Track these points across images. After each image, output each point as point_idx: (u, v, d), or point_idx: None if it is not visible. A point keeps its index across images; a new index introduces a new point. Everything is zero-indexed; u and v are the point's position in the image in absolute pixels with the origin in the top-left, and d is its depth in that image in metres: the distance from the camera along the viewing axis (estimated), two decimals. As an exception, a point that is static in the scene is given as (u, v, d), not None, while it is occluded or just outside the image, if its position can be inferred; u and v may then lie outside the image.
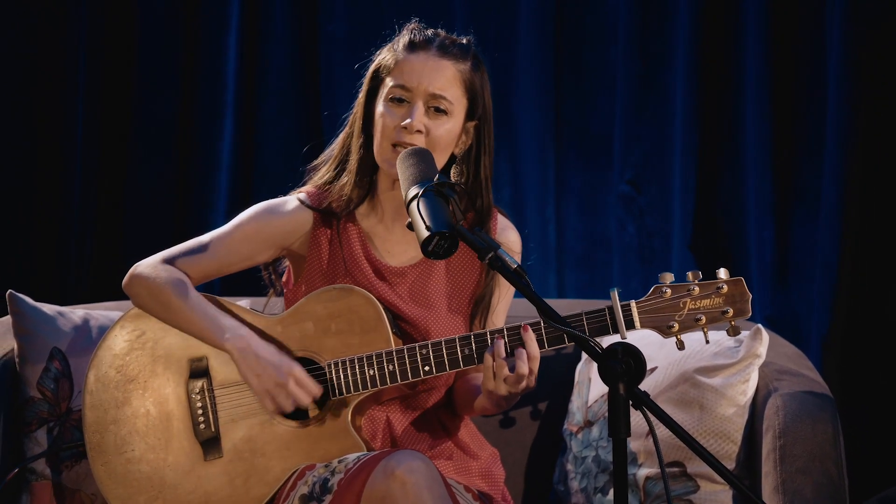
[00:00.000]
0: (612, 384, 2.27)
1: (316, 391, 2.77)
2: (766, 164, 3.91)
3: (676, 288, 2.66)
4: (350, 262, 2.88)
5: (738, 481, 2.32)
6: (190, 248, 2.90)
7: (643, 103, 4.03)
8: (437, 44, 2.84)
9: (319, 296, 2.83)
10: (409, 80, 2.81)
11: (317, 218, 2.90)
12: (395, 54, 2.85)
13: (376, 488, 2.55)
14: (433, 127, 2.81)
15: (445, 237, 2.46)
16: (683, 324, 2.65)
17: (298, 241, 2.91)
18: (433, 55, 2.83)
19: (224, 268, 2.91)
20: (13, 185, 4.02)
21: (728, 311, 2.65)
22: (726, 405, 3.09)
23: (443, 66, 2.83)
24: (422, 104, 2.81)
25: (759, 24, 3.89)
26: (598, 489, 3.19)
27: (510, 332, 2.70)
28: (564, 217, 4.13)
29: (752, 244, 3.95)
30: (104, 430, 2.86)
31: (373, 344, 2.78)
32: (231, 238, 2.90)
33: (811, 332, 3.85)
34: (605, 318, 2.67)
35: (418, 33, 2.87)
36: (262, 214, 2.91)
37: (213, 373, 2.84)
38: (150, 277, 2.85)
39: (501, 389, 2.68)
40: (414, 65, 2.82)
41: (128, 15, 4.07)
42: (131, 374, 2.87)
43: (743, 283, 2.65)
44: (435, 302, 2.90)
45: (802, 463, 2.96)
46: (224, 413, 2.83)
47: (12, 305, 3.22)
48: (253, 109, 4.15)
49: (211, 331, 2.81)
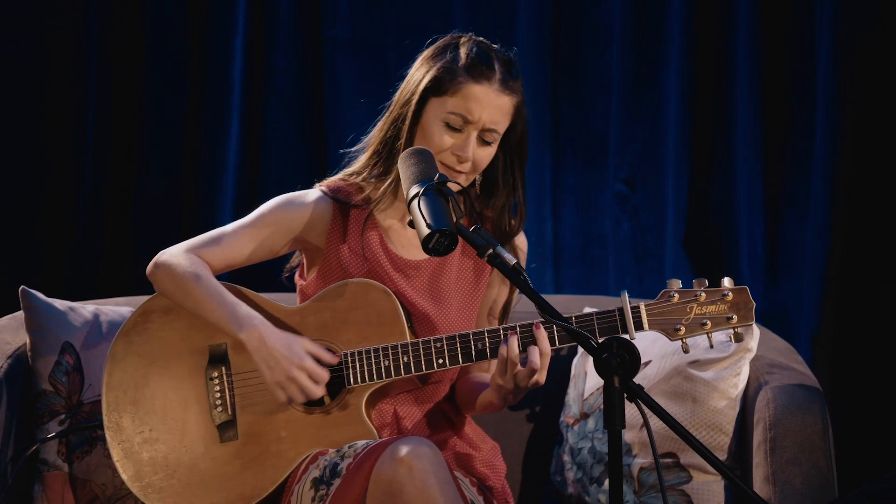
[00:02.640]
0: (607, 377, 2.27)
1: (325, 378, 2.76)
2: (756, 163, 3.91)
3: (684, 293, 2.70)
4: (368, 254, 2.89)
5: (729, 472, 2.32)
6: (213, 237, 2.90)
7: (638, 105, 4.03)
8: (500, 76, 2.81)
9: (338, 288, 2.84)
10: (470, 113, 2.79)
11: (336, 210, 2.90)
12: (455, 75, 2.81)
13: (383, 472, 2.55)
14: (480, 157, 2.83)
15: (445, 234, 2.47)
16: (689, 328, 2.69)
17: (317, 232, 2.91)
18: (495, 90, 2.81)
19: (246, 258, 2.91)
20: (26, 185, 4.01)
21: (733, 318, 2.69)
22: (718, 398, 3.09)
23: (503, 104, 2.82)
24: (476, 135, 2.81)
25: (750, 29, 3.89)
26: (593, 479, 3.19)
27: (522, 329, 2.71)
28: (561, 215, 4.13)
29: (743, 241, 3.95)
30: (122, 411, 2.87)
31: (388, 336, 2.79)
32: (253, 228, 2.90)
33: (801, 326, 3.85)
34: (615, 319, 2.70)
35: (480, 57, 2.83)
36: (284, 205, 2.91)
37: (231, 359, 2.85)
38: (172, 265, 2.85)
39: (511, 384, 2.69)
40: (478, 97, 2.79)
41: (136, 19, 4.07)
42: (151, 357, 2.88)
43: (747, 292, 2.70)
44: (447, 297, 2.90)
45: (792, 454, 2.96)
46: (241, 398, 2.84)
47: (25, 301, 3.22)
48: (258, 111, 4.14)
49: (228, 320, 2.80)
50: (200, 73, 4.10)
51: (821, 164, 3.74)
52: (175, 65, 4.09)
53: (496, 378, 2.72)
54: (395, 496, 2.52)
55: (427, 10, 4.06)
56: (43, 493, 3.16)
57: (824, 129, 3.74)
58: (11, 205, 4.01)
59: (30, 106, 4.01)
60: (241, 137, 4.13)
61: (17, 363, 3.18)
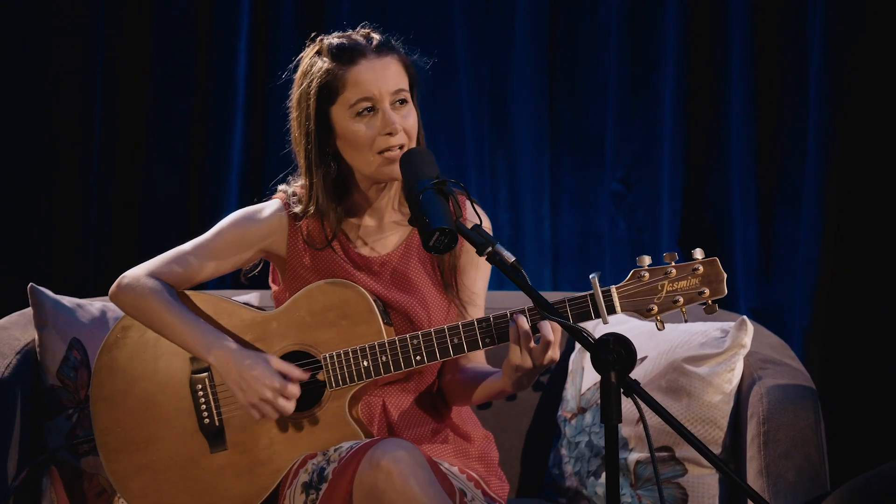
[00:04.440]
0: (604, 373, 2.27)
1: (296, 394, 2.74)
2: (750, 163, 3.91)
3: (654, 271, 2.63)
4: (330, 258, 2.87)
5: (723, 465, 2.32)
6: (174, 257, 2.88)
7: (634, 106, 4.03)
8: (369, 46, 2.80)
9: (312, 290, 2.81)
10: (368, 91, 2.77)
11: (292, 221, 2.88)
12: (333, 74, 2.78)
13: (364, 479, 2.54)
14: (407, 123, 2.79)
15: (446, 233, 2.46)
16: (662, 306, 2.63)
17: (277, 243, 2.89)
18: (373, 58, 2.79)
19: (209, 274, 2.89)
20: (35, 184, 4.01)
21: (704, 292, 2.62)
22: (713, 393, 3.09)
23: (388, 64, 2.80)
24: (388, 106, 2.78)
25: (744, 31, 3.89)
26: (590, 473, 3.19)
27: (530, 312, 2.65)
28: (559, 214, 4.13)
29: (737, 240, 3.94)
30: (112, 427, 2.85)
31: (366, 336, 2.77)
32: (213, 245, 2.88)
33: (794, 323, 3.85)
34: (587, 304, 2.65)
35: (341, 45, 2.81)
36: (241, 221, 2.89)
37: (213, 369, 2.82)
38: (134, 289, 2.83)
39: (528, 362, 2.63)
40: (364, 74, 2.77)
41: (143, 22, 4.07)
42: (136, 371, 2.86)
43: (717, 264, 2.62)
44: (418, 285, 2.89)
45: (785, 448, 2.96)
46: (227, 407, 2.82)
47: (33, 298, 3.22)
48: (262, 112, 4.14)
49: (195, 343, 2.79)
50: (206, 74, 4.10)
51: (813, 164, 3.74)
52: (181, 66, 4.09)
53: (511, 360, 2.65)
54: (378, 501, 2.52)
55: (427, 11, 4.05)
56: (51, 487, 3.16)
57: (817, 130, 3.74)
58: (21, 203, 4.00)
59: (38, 106, 4.00)
60: (246, 138, 4.12)
61: (25, 359, 3.18)
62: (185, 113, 4.10)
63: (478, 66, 4.09)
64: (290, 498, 2.70)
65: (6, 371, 3.11)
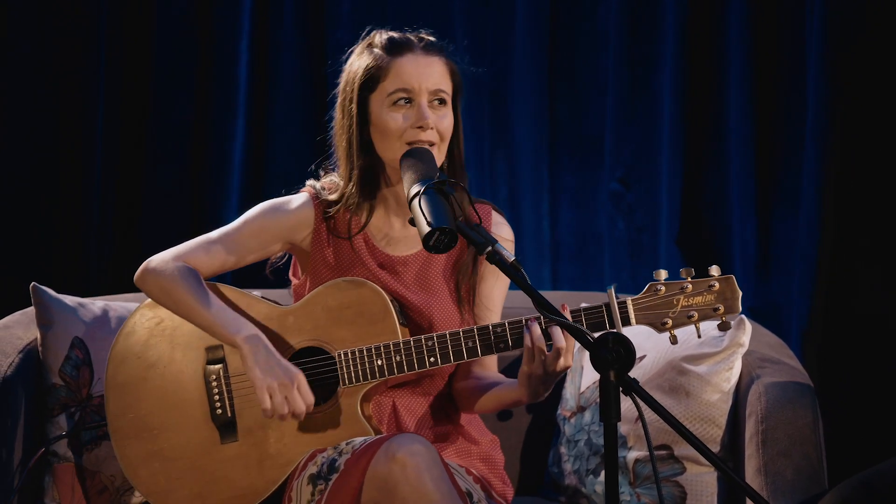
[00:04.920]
0: (603, 372, 2.27)
1: (311, 401, 2.75)
2: (748, 163, 3.91)
3: (670, 286, 2.65)
4: (354, 255, 2.88)
5: (722, 464, 2.32)
6: (200, 243, 2.88)
7: (632, 106, 4.03)
8: (420, 44, 2.83)
9: (329, 287, 2.82)
10: (408, 83, 2.79)
11: (319, 214, 2.89)
12: (379, 63, 2.81)
13: (378, 470, 2.54)
14: (441, 125, 2.80)
15: (446, 232, 2.46)
16: (676, 320, 2.65)
17: (303, 236, 2.90)
18: (420, 55, 2.82)
19: (233, 263, 2.89)
20: (37, 184, 4.01)
21: (719, 309, 2.65)
22: (711, 391, 3.09)
23: (433, 63, 2.82)
24: (425, 101, 2.79)
25: (742, 32, 3.89)
26: (589, 471, 3.19)
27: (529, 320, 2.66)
28: (558, 213, 4.13)
29: (735, 239, 3.95)
30: (125, 413, 2.86)
31: (381, 335, 2.77)
32: (239, 234, 2.89)
33: (792, 322, 3.85)
34: (602, 314, 2.66)
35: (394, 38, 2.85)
36: (268, 211, 2.90)
37: (228, 360, 2.84)
38: (161, 272, 2.83)
39: (540, 369, 2.63)
40: (407, 67, 2.80)
41: (144, 22, 4.07)
42: (151, 359, 2.86)
43: (734, 281, 2.65)
44: (438, 288, 2.89)
45: (783, 446, 2.96)
46: (239, 399, 2.83)
47: (35, 297, 3.22)
48: (264, 112, 4.14)
49: (221, 325, 2.79)
50: (207, 75, 4.10)
51: (811, 163, 3.74)
52: (182, 66, 4.09)
53: (525, 367, 2.66)
54: (389, 493, 2.52)
55: (427, 11, 4.05)
56: (53, 485, 3.16)
57: (815, 129, 3.74)
58: (23, 203, 4.01)
59: (40, 106, 4.01)
60: (247, 138, 4.12)
61: (27, 358, 3.18)
62: (186, 113, 4.10)
63: (477, 66, 4.09)
64: (296, 489, 2.70)
65: (9, 369, 3.11)
